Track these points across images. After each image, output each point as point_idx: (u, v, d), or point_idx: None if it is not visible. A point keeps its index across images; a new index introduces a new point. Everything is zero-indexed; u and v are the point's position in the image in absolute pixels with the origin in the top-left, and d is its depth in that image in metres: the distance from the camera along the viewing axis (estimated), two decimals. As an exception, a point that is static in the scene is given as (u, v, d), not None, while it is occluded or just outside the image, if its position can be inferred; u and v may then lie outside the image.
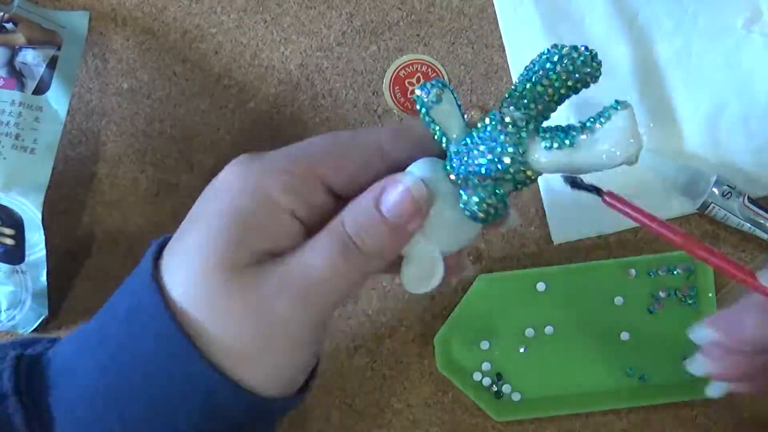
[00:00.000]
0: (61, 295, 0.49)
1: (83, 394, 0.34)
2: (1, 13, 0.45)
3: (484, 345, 0.48)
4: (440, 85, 0.34)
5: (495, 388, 0.48)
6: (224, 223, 0.34)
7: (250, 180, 0.34)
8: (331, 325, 0.50)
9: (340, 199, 0.35)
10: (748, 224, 0.47)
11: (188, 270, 0.34)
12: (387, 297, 0.50)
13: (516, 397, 0.48)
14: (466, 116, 0.36)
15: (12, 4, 0.47)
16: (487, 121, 0.34)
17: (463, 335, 0.48)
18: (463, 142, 0.34)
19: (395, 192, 0.34)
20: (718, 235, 0.50)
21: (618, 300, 0.48)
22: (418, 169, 0.35)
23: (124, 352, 0.34)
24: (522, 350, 0.49)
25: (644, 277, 0.48)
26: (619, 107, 0.34)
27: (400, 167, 0.35)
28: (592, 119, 0.34)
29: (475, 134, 0.34)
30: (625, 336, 0.48)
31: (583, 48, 0.35)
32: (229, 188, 0.35)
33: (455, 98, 0.35)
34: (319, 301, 0.34)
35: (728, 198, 0.47)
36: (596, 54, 0.34)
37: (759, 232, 0.47)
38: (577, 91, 0.35)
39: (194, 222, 0.35)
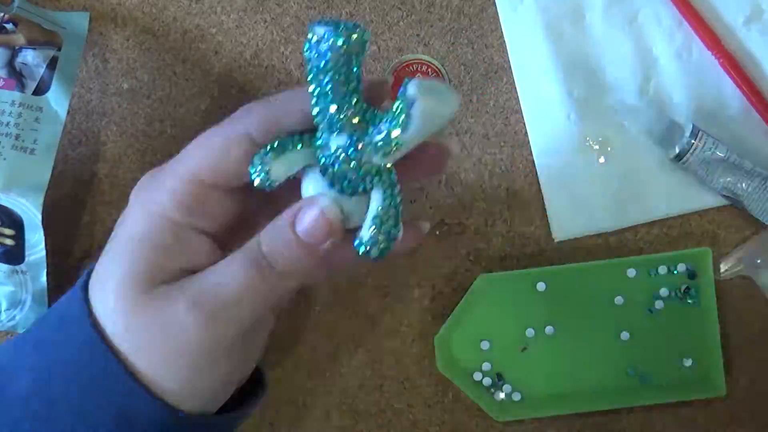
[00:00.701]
0: (61, 295, 0.49)
1: (21, 397, 0.36)
2: (2, 14, 0.46)
3: (485, 345, 0.48)
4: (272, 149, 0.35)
5: (495, 389, 0.48)
6: (133, 247, 0.36)
7: (148, 204, 0.36)
8: (331, 325, 0.50)
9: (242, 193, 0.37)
10: (732, 156, 0.47)
11: (105, 291, 0.36)
12: (387, 297, 0.50)
13: (516, 397, 0.48)
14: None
15: (12, 5, 0.47)
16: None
17: (463, 335, 0.48)
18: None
19: (309, 215, 0.35)
20: (717, 235, 0.49)
21: (618, 300, 0.48)
22: (316, 186, 0.36)
23: (52, 357, 0.36)
24: (523, 350, 0.49)
25: (644, 276, 0.48)
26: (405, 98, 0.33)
27: None
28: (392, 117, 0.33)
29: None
30: (625, 336, 0.48)
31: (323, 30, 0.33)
32: (133, 214, 0.37)
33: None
34: (229, 319, 0.35)
35: (703, 143, 0.47)
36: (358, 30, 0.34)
37: (740, 169, 0.47)
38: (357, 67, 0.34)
39: (110, 249, 0.37)
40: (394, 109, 0.33)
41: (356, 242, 0.35)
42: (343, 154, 0.34)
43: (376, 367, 0.50)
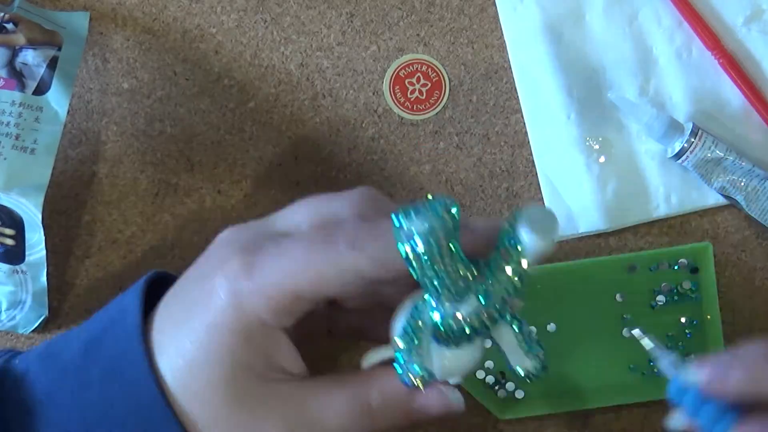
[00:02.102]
0: (61, 295, 0.49)
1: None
2: (2, 14, 0.45)
3: (487, 343, 0.48)
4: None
5: (498, 386, 0.48)
6: (227, 342, 0.35)
7: (244, 298, 0.35)
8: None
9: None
10: (732, 156, 0.47)
11: (191, 375, 0.35)
12: (387, 297, 0.50)
13: (519, 394, 0.48)
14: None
15: (12, 5, 0.47)
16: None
17: None
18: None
19: (434, 397, 0.36)
20: (717, 235, 0.50)
21: (619, 296, 0.48)
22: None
23: (103, 402, 0.35)
24: None
25: (645, 272, 0.48)
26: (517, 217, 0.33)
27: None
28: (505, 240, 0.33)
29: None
30: (627, 332, 0.48)
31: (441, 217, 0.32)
32: (224, 299, 0.35)
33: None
34: None
35: (703, 142, 0.47)
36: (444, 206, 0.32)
37: (741, 166, 0.47)
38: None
39: (193, 319, 0.35)
40: (509, 257, 0.33)
41: (522, 378, 0.36)
42: (468, 318, 0.34)
43: (376, 367, 0.50)
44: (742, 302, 0.49)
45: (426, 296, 0.34)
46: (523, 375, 0.36)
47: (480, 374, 0.48)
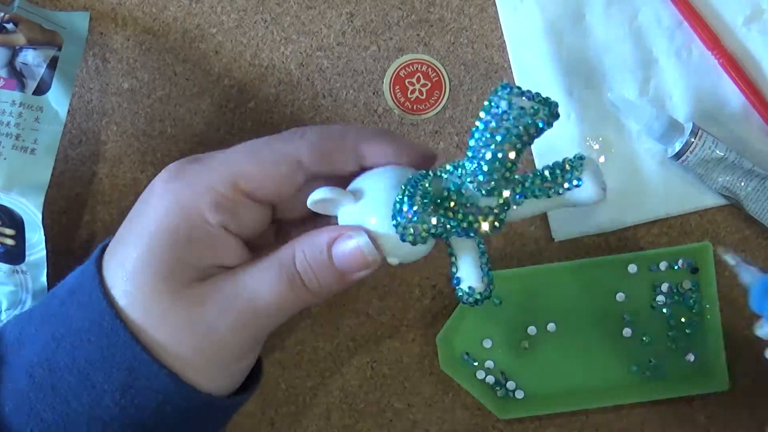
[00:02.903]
0: (62, 295, 0.49)
1: (27, 368, 0.37)
2: (2, 14, 0.45)
3: (487, 343, 0.48)
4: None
5: (498, 387, 0.48)
6: (164, 244, 0.36)
7: (181, 199, 0.36)
8: (331, 325, 0.50)
9: (268, 205, 0.38)
10: (732, 156, 0.47)
11: (133, 282, 0.36)
12: (387, 297, 0.50)
13: (519, 394, 0.48)
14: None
15: (12, 5, 0.47)
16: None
17: (465, 334, 0.48)
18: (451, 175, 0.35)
19: (348, 245, 0.36)
20: (717, 235, 0.50)
21: (620, 296, 0.48)
22: (371, 182, 0.36)
23: (62, 328, 0.37)
24: (525, 347, 0.49)
25: (645, 272, 0.48)
26: (583, 164, 0.34)
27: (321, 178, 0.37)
28: (560, 174, 0.34)
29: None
30: (627, 332, 0.48)
31: (540, 107, 0.33)
32: (163, 203, 0.36)
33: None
34: (259, 326, 0.37)
35: (703, 141, 0.47)
36: (553, 108, 0.33)
37: (741, 164, 0.47)
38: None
39: (134, 235, 0.37)
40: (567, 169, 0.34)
41: (461, 293, 0.36)
42: (484, 215, 0.35)
43: (376, 367, 0.50)
44: (742, 302, 0.49)
45: (450, 167, 0.35)
46: (466, 292, 0.36)
47: (480, 374, 0.48)
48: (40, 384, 0.36)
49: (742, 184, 0.47)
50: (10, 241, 0.44)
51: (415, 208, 0.34)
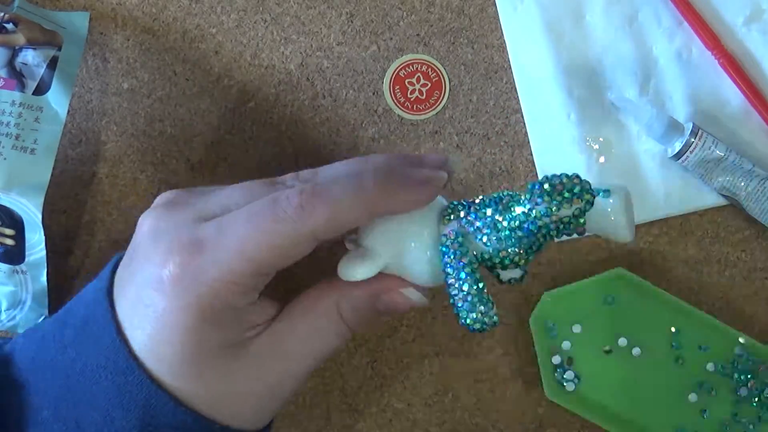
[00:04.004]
0: (61, 295, 0.49)
1: (50, 399, 0.37)
2: (2, 14, 0.45)
3: (576, 328, 0.48)
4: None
5: (560, 369, 0.48)
6: (190, 325, 0.35)
7: (201, 292, 0.35)
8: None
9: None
10: (732, 156, 0.47)
11: (159, 352, 0.35)
12: (387, 297, 0.50)
13: (570, 387, 0.48)
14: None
15: (12, 5, 0.47)
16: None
17: (567, 307, 0.48)
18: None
19: (397, 300, 0.38)
20: (717, 235, 0.50)
21: (709, 366, 0.48)
22: (399, 237, 0.38)
23: (80, 361, 0.36)
24: (605, 351, 0.48)
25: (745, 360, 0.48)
26: (611, 198, 0.36)
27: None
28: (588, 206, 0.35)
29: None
30: (693, 398, 0.48)
31: (575, 199, 0.35)
32: (178, 305, 0.35)
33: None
34: (303, 376, 0.38)
35: (703, 142, 0.47)
36: (586, 188, 0.35)
37: (742, 165, 0.47)
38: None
39: (149, 319, 0.36)
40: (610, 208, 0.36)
41: (465, 322, 0.37)
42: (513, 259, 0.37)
43: (376, 367, 0.50)
44: (742, 302, 0.50)
45: (480, 229, 0.37)
46: (470, 328, 0.37)
47: (554, 349, 0.48)
48: (65, 417, 0.36)
49: (742, 184, 0.47)
50: (10, 241, 0.44)
51: (483, 307, 0.36)
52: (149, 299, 0.35)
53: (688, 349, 0.48)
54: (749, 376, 0.47)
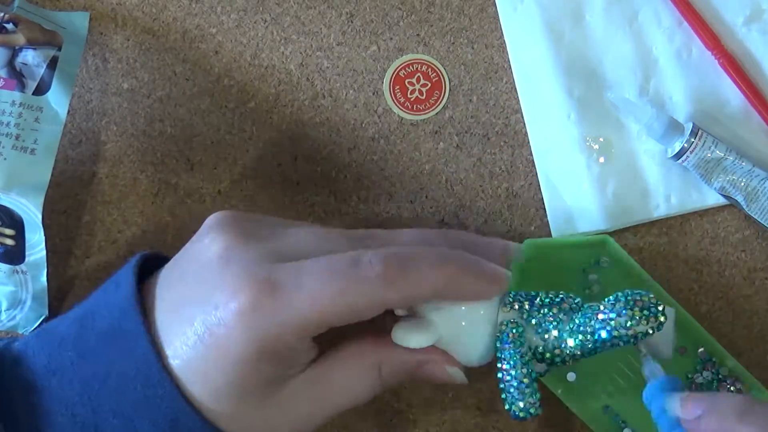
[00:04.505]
0: (61, 295, 0.49)
1: (66, 403, 0.36)
2: (2, 14, 0.45)
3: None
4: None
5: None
6: (249, 358, 0.35)
7: (268, 334, 0.35)
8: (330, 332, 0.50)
9: None
10: (732, 156, 0.47)
11: (197, 366, 0.36)
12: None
13: (571, 377, 0.47)
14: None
15: (12, 5, 0.47)
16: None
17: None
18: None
19: (440, 372, 0.40)
20: (717, 235, 0.50)
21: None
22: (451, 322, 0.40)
23: (104, 369, 0.36)
24: None
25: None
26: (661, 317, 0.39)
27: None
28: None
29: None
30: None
31: (653, 317, 0.38)
32: (243, 336, 0.35)
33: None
34: (331, 416, 0.40)
35: (703, 142, 0.47)
36: (662, 309, 0.39)
37: (742, 165, 0.47)
38: None
39: (207, 358, 0.36)
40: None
41: (511, 408, 0.40)
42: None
43: (376, 367, 0.50)
44: (742, 302, 0.50)
45: (540, 322, 0.40)
46: (518, 416, 0.40)
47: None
48: (82, 423, 0.36)
49: (742, 184, 0.47)
50: (10, 241, 0.44)
51: (532, 399, 0.39)
52: (208, 324, 0.35)
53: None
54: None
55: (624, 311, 0.38)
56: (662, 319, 0.38)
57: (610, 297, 0.39)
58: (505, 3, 0.49)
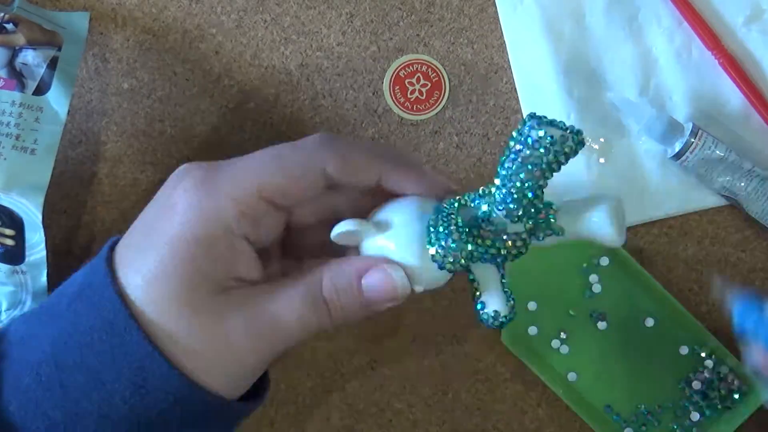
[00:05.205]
0: (62, 295, 0.49)
1: (31, 364, 0.36)
2: (2, 14, 0.45)
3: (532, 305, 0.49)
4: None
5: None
6: (186, 254, 0.35)
7: (205, 208, 0.36)
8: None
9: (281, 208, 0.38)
10: (732, 156, 0.47)
11: (151, 289, 0.36)
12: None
13: (533, 331, 0.48)
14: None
15: (12, 5, 0.47)
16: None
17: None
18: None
19: (379, 278, 0.36)
20: (717, 235, 0.50)
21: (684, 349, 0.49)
22: (395, 215, 0.37)
23: (70, 326, 0.36)
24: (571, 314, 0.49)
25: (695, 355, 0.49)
26: (602, 206, 0.36)
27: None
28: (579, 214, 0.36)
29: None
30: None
31: (570, 135, 0.34)
32: (184, 215, 0.36)
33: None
34: (278, 345, 0.37)
35: (703, 142, 0.47)
36: (580, 136, 0.34)
37: (741, 164, 0.47)
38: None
39: (152, 241, 0.36)
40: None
41: (486, 317, 0.37)
42: (512, 241, 0.36)
43: (376, 367, 0.50)
44: (742, 302, 0.50)
45: (474, 196, 0.36)
46: (492, 315, 0.36)
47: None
48: (47, 382, 0.36)
49: (742, 184, 0.47)
50: (10, 242, 0.44)
51: (453, 237, 0.35)
52: (157, 232, 0.36)
53: (657, 335, 0.48)
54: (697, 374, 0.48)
55: (536, 122, 0.33)
56: (580, 138, 0.34)
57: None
58: (505, 3, 0.49)
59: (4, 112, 0.44)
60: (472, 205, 0.36)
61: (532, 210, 0.35)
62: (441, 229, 0.35)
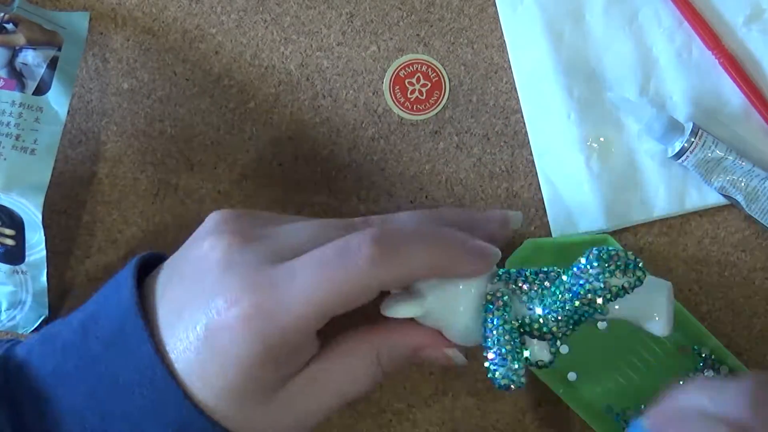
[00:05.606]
0: (61, 295, 0.49)
1: (76, 412, 0.37)
2: (2, 14, 0.46)
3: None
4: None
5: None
6: (254, 362, 0.36)
7: (275, 326, 0.35)
8: (331, 325, 0.50)
9: None
10: (732, 156, 0.47)
11: (211, 374, 0.36)
12: (386, 297, 0.50)
13: (572, 377, 0.48)
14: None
15: (12, 5, 0.47)
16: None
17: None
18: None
19: (437, 356, 0.40)
20: (717, 235, 0.50)
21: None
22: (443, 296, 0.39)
23: (109, 375, 0.36)
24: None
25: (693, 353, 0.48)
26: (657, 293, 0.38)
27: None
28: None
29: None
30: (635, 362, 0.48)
31: (632, 266, 0.36)
32: (250, 324, 0.35)
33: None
34: (336, 412, 0.40)
35: (703, 141, 0.47)
36: (640, 264, 0.37)
37: (742, 164, 0.47)
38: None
39: (210, 361, 0.36)
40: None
41: (493, 376, 0.38)
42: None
43: (376, 367, 0.50)
44: (742, 302, 0.50)
45: (527, 293, 0.39)
46: (500, 385, 0.38)
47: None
48: (92, 429, 0.36)
49: (742, 184, 0.47)
50: (10, 242, 0.44)
51: (515, 364, 0.37)
52: (211, 329, 0.36)
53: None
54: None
55: (596, 263, 0.36)
56: (639, 274, 0.36)
57: (587, 250, 0.37)
58: (505, 3, 0.49)
59: (4, 112, 0.44)
60: (523, 301, 0.38)
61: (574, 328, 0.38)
62: (504, 351, 0.37)
